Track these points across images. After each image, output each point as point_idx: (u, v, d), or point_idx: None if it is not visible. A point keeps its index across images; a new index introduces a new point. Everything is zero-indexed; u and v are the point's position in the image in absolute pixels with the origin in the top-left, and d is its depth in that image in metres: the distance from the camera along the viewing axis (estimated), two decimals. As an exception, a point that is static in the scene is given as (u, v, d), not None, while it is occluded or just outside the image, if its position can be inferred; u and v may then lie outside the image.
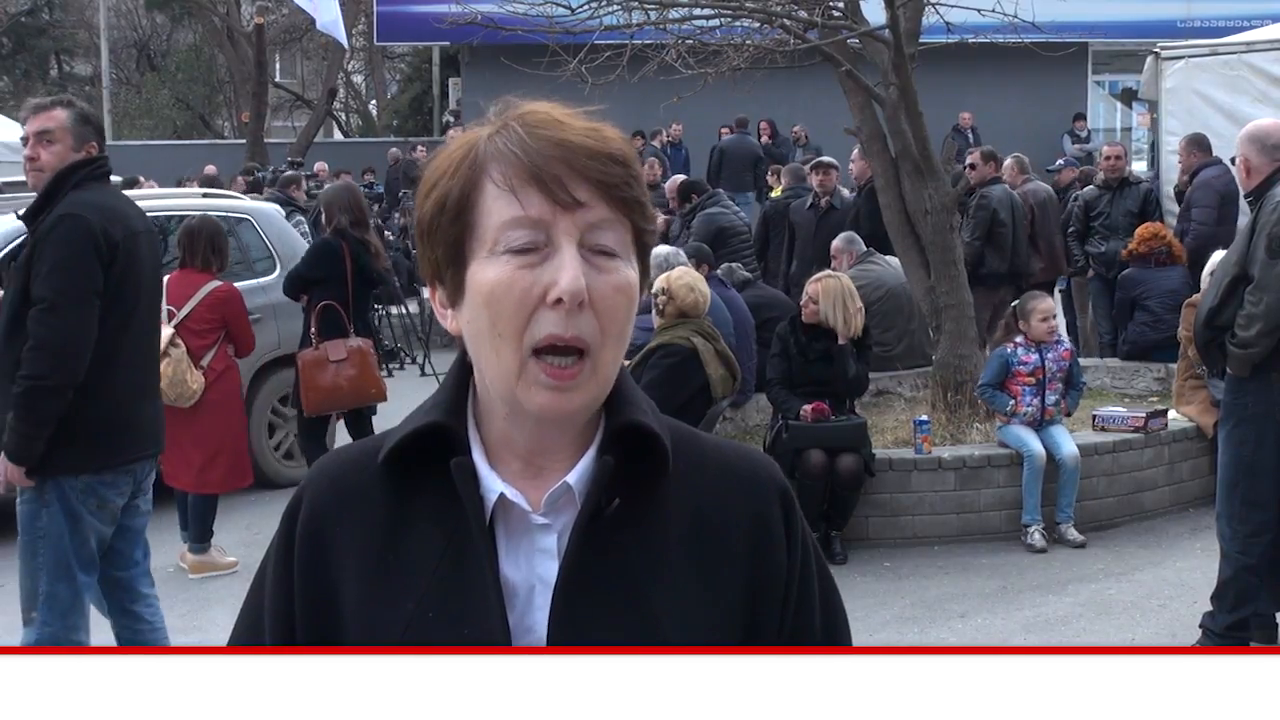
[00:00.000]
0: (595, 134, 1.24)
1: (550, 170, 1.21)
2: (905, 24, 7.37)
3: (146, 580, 4.40)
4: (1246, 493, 4.90)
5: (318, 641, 1.29)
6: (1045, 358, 6.82)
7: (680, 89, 7.86)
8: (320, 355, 6.92)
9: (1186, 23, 20.27)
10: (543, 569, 1.26)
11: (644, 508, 1.29)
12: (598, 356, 1.23)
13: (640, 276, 1.27)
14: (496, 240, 1.22)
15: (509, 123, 1.25)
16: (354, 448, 1.39)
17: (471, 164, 1.24)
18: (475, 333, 1.25)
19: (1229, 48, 10.73)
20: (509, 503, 1.27)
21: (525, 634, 1.25)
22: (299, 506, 1.34)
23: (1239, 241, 4.92)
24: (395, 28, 22.19)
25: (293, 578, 1.31)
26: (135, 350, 4.11)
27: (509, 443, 1.29)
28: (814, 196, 10.66)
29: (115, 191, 4.23)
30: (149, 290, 4.21)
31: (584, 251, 1.22)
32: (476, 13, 8.08)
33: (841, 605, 1.43)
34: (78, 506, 3.97)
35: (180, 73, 32.41)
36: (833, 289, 6.79)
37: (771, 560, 1.32)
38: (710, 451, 1.37)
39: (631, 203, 1.25)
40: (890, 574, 6.34)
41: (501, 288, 1.21)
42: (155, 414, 4.27)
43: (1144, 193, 10.10)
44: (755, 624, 1.31)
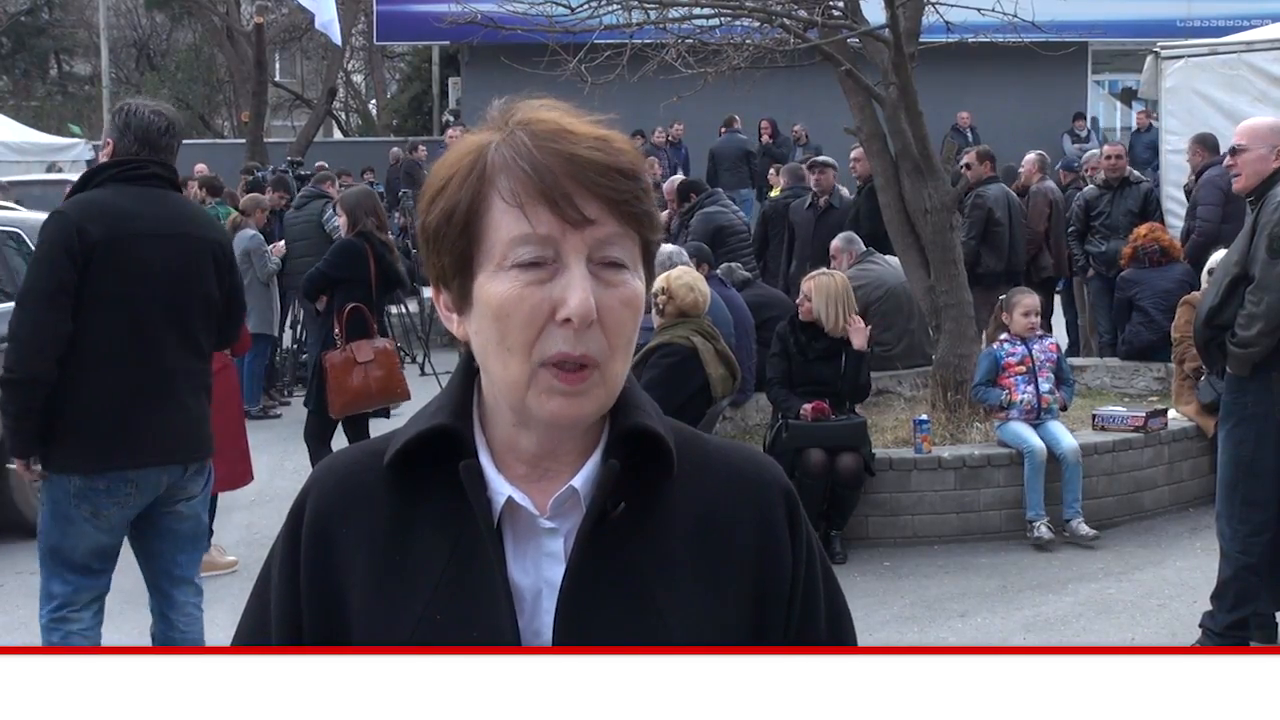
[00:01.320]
0: (604, 145, 1.23)
1: (560, 188, 1.20)
2: (905, 23, 7.37)
3: (187, 588, 4.29)
4: (1246, 492, 4.89)
5: (324, 642, 1.29)
6: (1031, 348, 6.88)
7: (680, 88, 7.86)
8: (348, 357, 6.85)
9: (1186, 22, 20.27)
10: (550, 572, 1.26)
11: (649, 511, 1.29)
12: (607, 368, 1.23)
13: (646, 283, 1.27)
14: (505, 255, 1.21)
15: (515, 131, 1.24)
16: (359, 449, 1.38)
17: (479, 176, 1.23)
18: (483, 344, 1.25)
19: (1228, 47, 10.75)
20: (516, 506, 1.27)
21: (533, 637, 1.25)
22: (304, 507, 1.33)
23: (1239, 241, 4.92)
24: (395, 27, 22.19)
25: (299, 578, 1.31)
26: (138, 354, 4.02)
27: (515, 447, 1.29)
28: (813, 196, 10.67)
29: (137, 192, 4.05)
30: (162, 294, 4.05)
31: (592, 266, 1.21)
32: (476, 12, 8.08)
33: (846, 605, 1.43)
34: (70, 510, 3.97)
35: (180, 72, 32.43)
36: (826, 286, 6.80)
37: (777, 561, 1.33)
38: (714, 453, 1.37)
39: (641, 216, 1.24)
40: (890, 573, 6.35)
41: (510, 304, 1.21)
42: (166, 422, 4.06)
43: (1144, 192, 10.11)
44: (762, 625, 1.31)
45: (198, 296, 4.16)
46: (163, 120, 4.14)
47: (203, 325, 4.20)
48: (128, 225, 4.00)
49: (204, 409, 4.24)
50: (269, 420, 10.26)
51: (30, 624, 5.65)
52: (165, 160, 4.14)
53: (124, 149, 4.09)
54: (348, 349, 6.88)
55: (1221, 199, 9.04)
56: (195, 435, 4.19)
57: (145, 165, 4.08)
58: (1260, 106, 9.38)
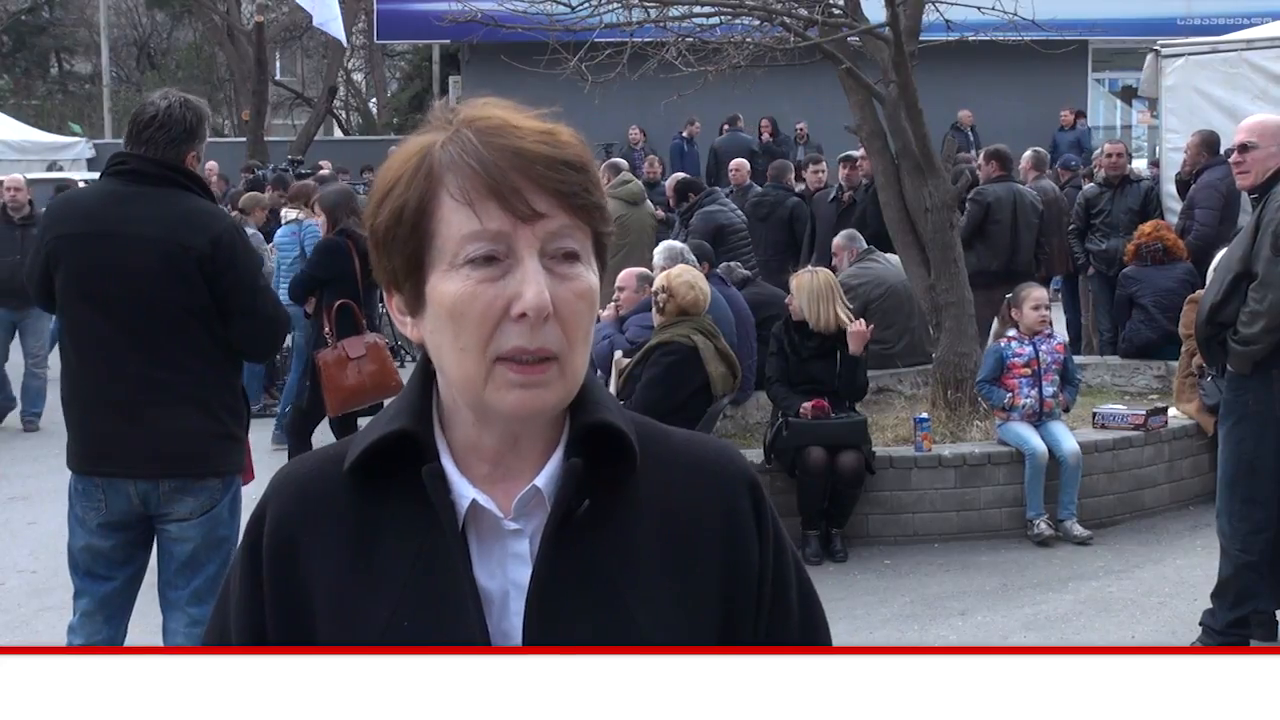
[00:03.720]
0: (550, 139, 1.22)
1: (508, 182, 1.19)
2: (905, 22, 7.37)
3: (178, 615, 3.99)
4: (1247, 490, 4.90)
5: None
6: (1039, 349, 6.85)
7: (680, 87, 7.86)
8: (340, 354, 6.83)
9: (1186, 20, 20.27)
10: (516, 574, 1.25)
11: (614, 507, 1.28)
12: (566, 361, 1.22)
13: (599, 277, 1.26)
14: (456, 253, 1.20)
15: (460, 129, 1.23)
16: (316, 455, 1.37)
17: (426, 175, 1.22)
18: (437, 344, 1.24)
19: (1229, 45, 10.74)
20: (480, 509, 1.26)
21: (502, 640, 1.24)
22: (264, 516, 1.32)
23: (1242, 238, 4.91)
24: (395, 26, 22.19)
25: (261, 589, 1.30)
26: (96, 359, 3.84)
27: (476, 447, 1.28)
28: (838, 189, 10.81)
29: (115, 190, 3.88)
30: (120, 297, 3.79)
31: (545, 260, 1.21)
32: (477, 11, 8.08)
33: (815, 592, 1.42)
34: (73, 505, 3.94)
35: (180, 71, 32.43)
36: (808, 284, 6.81)
37: (744, 552, 1.32)
38: (678, 446, 1.36)
39: (591, 208, 1.24)
40: (891, 571, 6.35)
41: (464, 302, 1.20)
42: (129, 434, 3.81)
43: (1145, 190, 10.11)
44: (731, 615, 1.31)
45: (165, 302, 3.81)
46: (150, 110, 3.88)
47: (176, 333, 3.83)
48: (78, 226, 3.86)
49: (185, 423, 3.85)
50: (270, 419, 10.26)
51: (31, 623, 5.66)
52: (151, 155, 3.85)
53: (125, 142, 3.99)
54: (339, 346, 6.86)
55: (1220, 203, 9.04)
56: (167, 450, 3.83)
57: (127, 160, 3.90)
58: (1261, 104, 9.35)
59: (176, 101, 3.92)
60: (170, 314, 3.82)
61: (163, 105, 3.89)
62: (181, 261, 3.80)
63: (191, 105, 3.95)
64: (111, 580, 3.97)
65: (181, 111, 3.89)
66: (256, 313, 3.96)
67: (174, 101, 3.92)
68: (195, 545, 3.94)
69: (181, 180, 3.91)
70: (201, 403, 3.88)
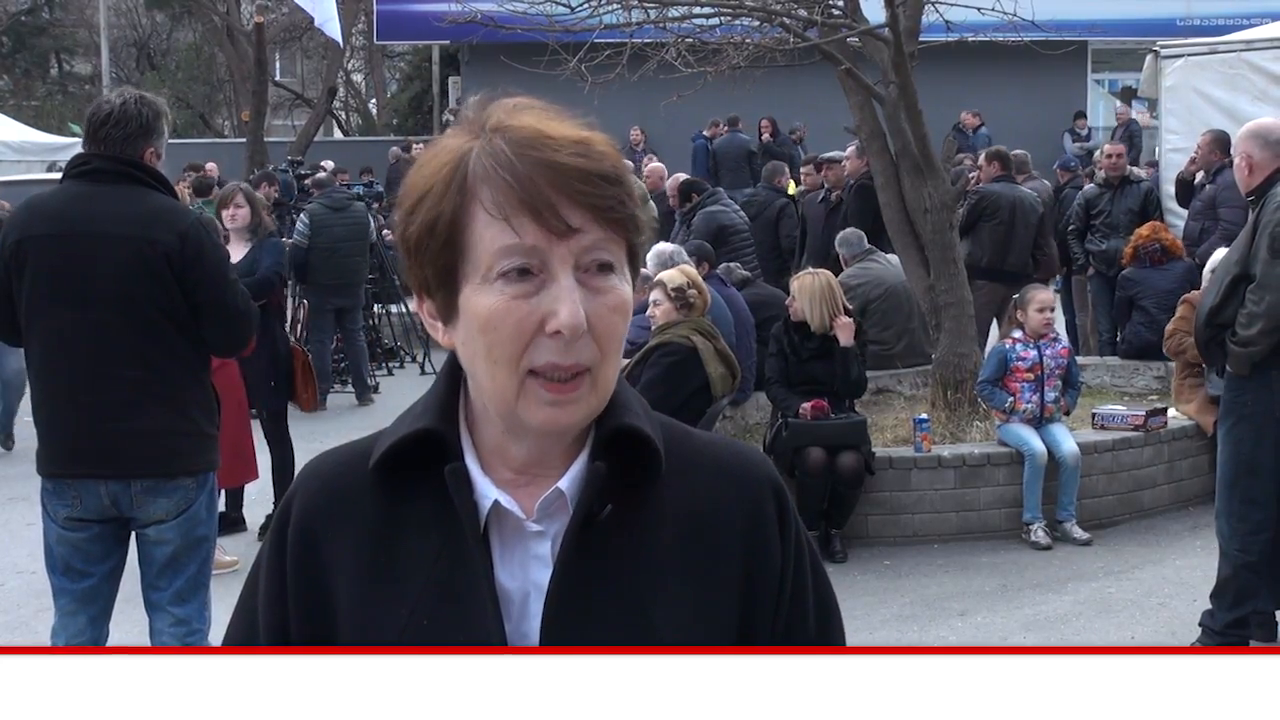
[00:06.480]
0: (585, 149, 1.21)
1: (544, 198, 1.18)
2: (905, 22, 7.37)
3: (162, 615, 3.96)
4: (1246, 491, 4.90)
5: (312, 645, 1.29)
6: (1043, 354, 6.83)
7: (680, 87, 7.85)
8: (301, 352, 7.04)
9: (1186, 21, 20.28)
10: (537, 576, 1.26)
11: (637, 511, 1.28)
12: (598, 373, 1.23)
13: (632, 285, 1.27)
14: (490, 266, 1.20)
15: (493, 138, 1.22)
16: (344, 449, 1.37)
17: (460, 187, 1.21)
18: (470, 354, 1.24)
19: (1228, 46, 10.73)
20: (503, 509, 1.26)
21: (520, 641, 1.24)
22: (290, 510, 1.33)
23: (1240, 240, 4.93)
24: (395, 26, 22.20)
25: (286, 582, 1.31)
26: (59, 359, 3.81)
27: (505, 454, 1.29)
28: (825, 191, 10.83)
29: (78, 190, 3.85)
30: (81, 296, 3.75)
31: (579, 274, 1.20)
32: (476, 11, 8.08)
33: (835, 602, 1.42)
34: (46, 505, 3.92)
35: (180, 71, 32.45)
36: (810, 286, 6.81)
37: (766, 557, 1.32)
38: (702, 450, 1.36)
39: (625, 221, 1.24)
40: (890, 572, 6.35)
41: (498, 317, 1.19)
42: (95, 433, 3.77)
43: (1145, 191, 10.10)
44: (750, 621, 1.31)
45: (135, 299, 3.78)
46: (105, 107, 3.86)
47: (147, 331, 3.80)
48: (44, 227, 3.83)
49: (156, 422, 3.81)
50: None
51: (31, 623, 5.66)
52: (110, 152, 3.83)
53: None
54: (295, 343, 7.10)
55: (1245, 201, 8.93)
56: (137, 450, 3.79)
57: (89, 160, 3.88)
58: (1260, 105, 9.36)
59: (132, 98, 3.91)
60: (140, 311, 3.80)
61: (117, 103, 3.87)
62: (150, 258, 3.78)
63: (147, 101, 3.94)
64: (89, 577, 3.92)
65: (137, 108, 3.86)
66: (226, 306, 3.92)
67: (129, 99, 3.90)
68: (175, 547, 3.92)
69: (143, 177, 3.89)
70: (172, 401, 3.85)
